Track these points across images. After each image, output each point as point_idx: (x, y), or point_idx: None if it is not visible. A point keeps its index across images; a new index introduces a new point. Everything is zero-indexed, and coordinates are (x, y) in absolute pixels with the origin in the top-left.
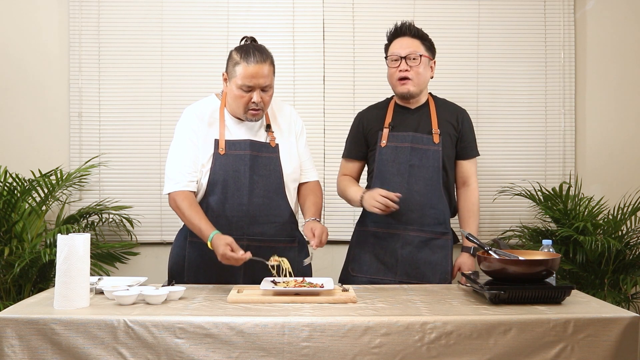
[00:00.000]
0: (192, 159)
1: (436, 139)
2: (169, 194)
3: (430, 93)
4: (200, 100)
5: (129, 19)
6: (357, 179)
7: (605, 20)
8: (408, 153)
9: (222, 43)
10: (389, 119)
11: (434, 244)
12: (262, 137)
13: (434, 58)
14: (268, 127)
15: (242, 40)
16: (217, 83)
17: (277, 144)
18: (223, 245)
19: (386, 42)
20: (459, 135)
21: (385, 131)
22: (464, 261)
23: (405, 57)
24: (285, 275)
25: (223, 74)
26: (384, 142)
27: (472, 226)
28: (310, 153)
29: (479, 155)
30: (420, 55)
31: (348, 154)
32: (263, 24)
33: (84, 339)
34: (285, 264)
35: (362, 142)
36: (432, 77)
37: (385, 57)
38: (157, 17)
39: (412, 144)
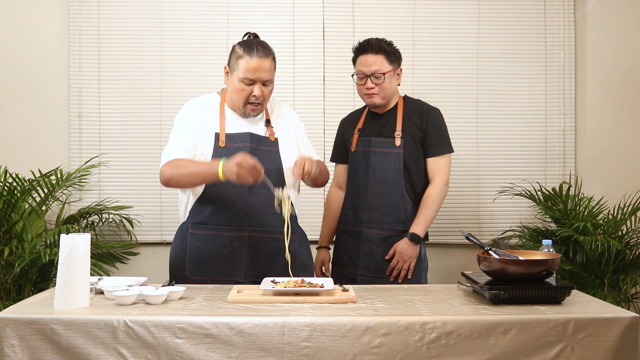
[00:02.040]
0: (186, 143)
1: (397, 141)
2: (160, 172)
3: (404, 96)
4: (201, 96)
5: (129, 19)
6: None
7: (605, 20)
8: (370, 157)
9: (222, 43)
10: (360, 124)
11: (392, 241)
12: (261, 131)
13: (399, 66)
14: (267, 122)
15: (244, 36)
16: (217, 82)
17: (276, 138)
18: (240, 155)
19: (352, 56)
20: (422, 134)
21: (355, 137)
22: (402, 246)
23: (370, 76)
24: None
25: (225, 68)
26: (353, 147)
27: (421, 218)
28: (310, 142)
29: (449, 152)
30: (384, 73)
31: (333, 158)
32: (263, 24)
33: (84, 339)
34: (287, 205)
35: (343, 146)
36: (399, 84)
37: (354, 71)
38: (157, 17)
39: (374, 147)
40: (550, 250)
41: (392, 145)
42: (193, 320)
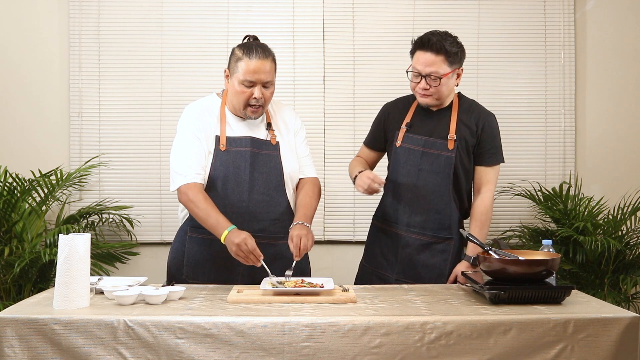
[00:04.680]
0: (197, 153)
1: (451, 144)
2: (178, 188)
3: (459, 93)
4: (201, 98)
5: (129, 19)
6: (371, 166)
7: (605, 20)
8: (419, 157)
9: (222, 43)
10: (408, 118)
11: (434, 248)
12: (262, 134)
13: (460, 66)
14: (269, 125)
15: (244, 38)
16: (217, 83)
17: (277, 142)
18: (244, 236)
19: (411, 48)
20: (476, 140)
21: (402, 131)
22: (461, 269)
23: (425, 76)
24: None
25: (225, 71)
26: (398, 142)
27: (478, 234)
28: (309, 151)
29: (502, 162)
30: (440, 77)
31: (367, 142)
32: (263, 24)
33: (84, 339)
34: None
35: (381, 135)
36: (457, 85)
37: (410, 63)
38: (157, 17)
39: (425, 148)
40: (550, 250)
41: (445, 147)
42: (193, 320)
